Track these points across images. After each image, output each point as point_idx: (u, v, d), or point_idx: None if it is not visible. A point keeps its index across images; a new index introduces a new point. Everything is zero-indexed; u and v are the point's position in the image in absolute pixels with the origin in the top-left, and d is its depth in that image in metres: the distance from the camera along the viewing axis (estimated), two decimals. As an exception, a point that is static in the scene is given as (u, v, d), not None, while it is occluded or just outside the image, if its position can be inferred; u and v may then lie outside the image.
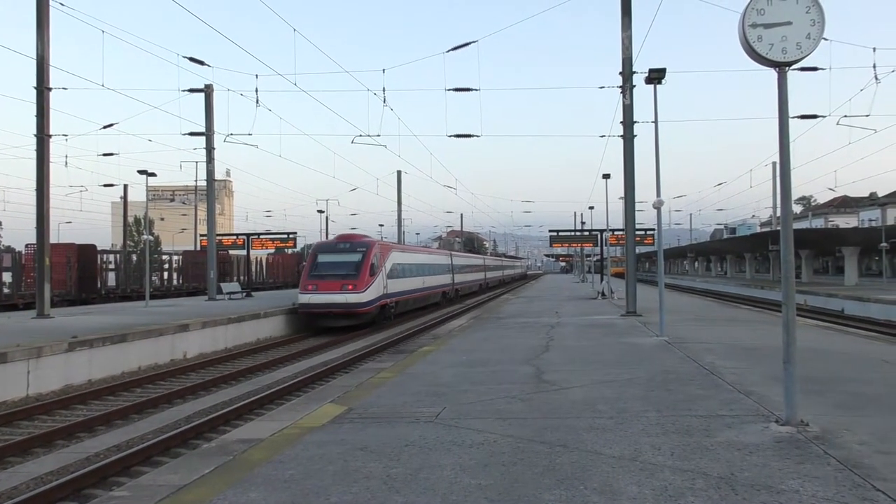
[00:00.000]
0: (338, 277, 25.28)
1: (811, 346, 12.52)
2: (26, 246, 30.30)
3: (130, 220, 62.55)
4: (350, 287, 25.02)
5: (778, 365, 6.76)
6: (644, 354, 11.99)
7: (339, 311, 24.78)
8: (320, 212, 53.38)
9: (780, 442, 6.04)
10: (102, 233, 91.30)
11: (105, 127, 26.16)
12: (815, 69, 20.62)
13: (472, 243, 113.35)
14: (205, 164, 30.89)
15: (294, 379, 14.91)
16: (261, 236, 36.38)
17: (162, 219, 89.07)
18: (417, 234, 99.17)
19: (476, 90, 24.14)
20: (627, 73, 20.65)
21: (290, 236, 36.05)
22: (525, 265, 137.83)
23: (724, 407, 7.48)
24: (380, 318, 26.90)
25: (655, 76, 15.16)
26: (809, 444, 5.95)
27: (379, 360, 16.46)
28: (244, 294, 33.30)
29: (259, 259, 51.72)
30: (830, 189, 58.83)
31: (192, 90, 28.52)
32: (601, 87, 23.31)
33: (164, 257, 43.18)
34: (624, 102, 20.86)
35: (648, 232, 34.96)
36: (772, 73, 6.62)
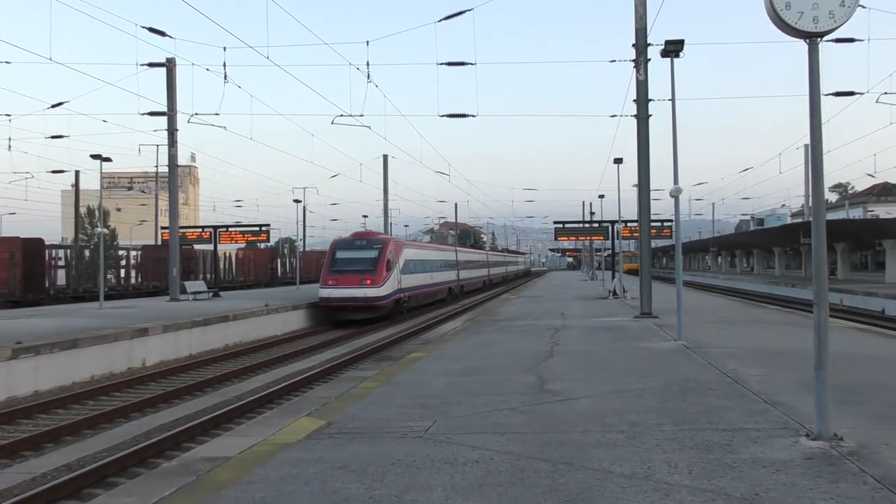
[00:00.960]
0: (356, 273, 29.94)
1: (847, 350, 12.57)
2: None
3: (83, 210, 62.29)
4: (368, 282, 29.77)
5: (809, 372, 6.77)
6: (659, 361, 12.02)
7: (359, 304, 29.46)
8: (297, 201, 53.19)
9: (811, 458, 6.06)
10: (51, 225, 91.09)
11: (54, 106, 26.07)
12: (850, 40, 20.68)
13: (469, 237, 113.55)
14: (166, 148, 30.80)
15: (267, 389, 14.90)
16: (230, 229, 36.33)
17: (118, 209, 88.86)
18: (406, 226, 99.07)
19: (471, 64, 24.17)
20: (641, 45, 20.66)
21: (263, 229, 36.01)
22: (527, 261, 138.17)
23: (748, 419, 7.51)
24: (394, 312, 31.75)
25: (672, 49, 15.16)
26: (844, 461, 5.96)
27: (362, 368, 16.45)
28: (211, 294, 33.27)
29: (228, 255, 51.65)
30: (870, 175, 58.96)
31: (151, 64, 28.41)
32: (612, 62, 23.28)
33: (122, 253, 43.08)
34: (637, 78, 20.87)
35: (665, 223, 35.03)
36: (802, 46, 6.61)
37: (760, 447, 6.42)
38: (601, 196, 48.54)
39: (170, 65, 29.70)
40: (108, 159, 27.58)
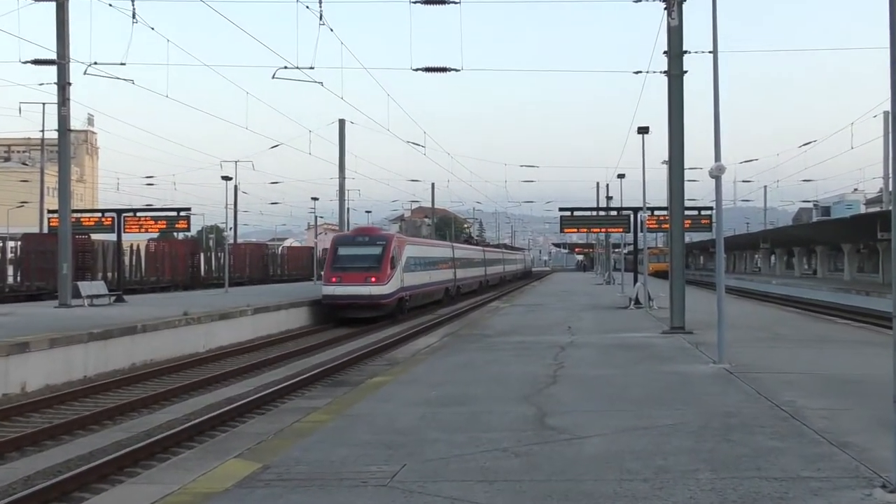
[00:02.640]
0: (361, 270, 36.15)
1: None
2: None
3: (-56, 187, 61.70)
4: (373, 279, 36.06)
5: (887, 405, 6.82)
6: (694, 389, 12.08)
7: (363, 302, 35.75)
8: (226, 178, 52.98)
9: (888, 516, 6.11)
10: None
11: None
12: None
13: (449, 228, 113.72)
14: (55, 108, 30.54)
15: (185, 423, 14.81)
16: (138, 214, 36.14)
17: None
18: (368, 212, 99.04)
19: (454, 2, 24.09)
20: (676, -20, 20.75)
21: (182, 214, 35.87)
22: (527, 259, 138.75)
23: (808, 465, 7.56)
24: (397, 311, 38.24)
25: (716, -15, 15.22)
26: (929, 519, 6.02)
27: (309, 395, 16.42)
28: (113, 298, 33.08)
29: (136, 247, 51.37)
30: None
31: (36, -3, 28.12)
32: (637, 1, 23.25)
33: (-5, 243, 42.72)
34: (669, 23, 20.94)
35: (703, 212, 35.30)
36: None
37: (823, 501, 6.46)
38: (621, 176, 48.49)
39: (61, -2, 29.43)
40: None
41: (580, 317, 27.95)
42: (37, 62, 29.70)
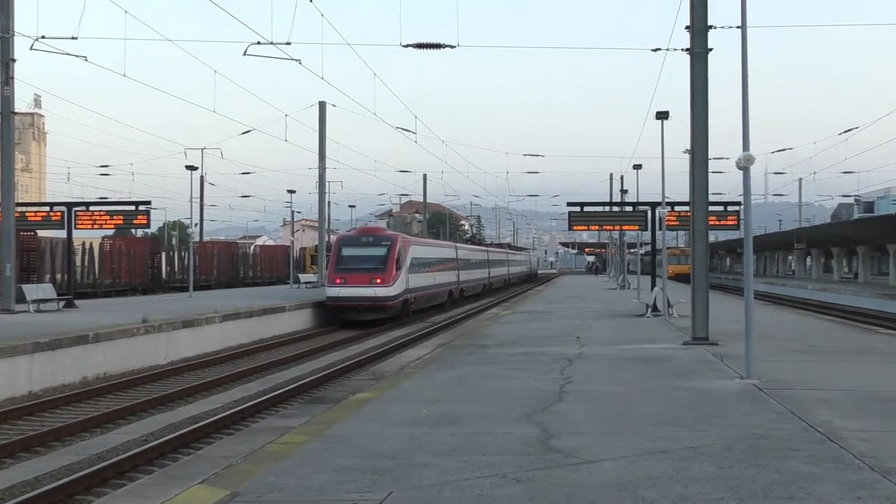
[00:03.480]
0: (365, 271, 39.74)
1: None
2: None
3: None
4: (378, 281, 39.65)
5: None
6: (719, 407, 12.08)
7: (368, 304, 39.42)
8: (191, 168, 52.94)
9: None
10: None
11: None
12: None
13: (444, 224, 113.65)
14: (-3, 86, 30.45)
15: (143, 444, 14.79)
16: (91, 208, 36.02)
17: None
18: (352, 206, 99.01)
19: (451, -30, 24.11)
20: (700, -55, 20.76)
21: (141, 208, 35.77)
22: (532, 260, 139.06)
23: (846, 494, 7.57)
24: (402, 313, 42.21)
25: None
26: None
27: (284, 413, 16.36)
28: (62, 303, 32.99)
29: (88, 246, 51.28)
30: None
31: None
32: (657, -31, 23.26)
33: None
34: (693, -6, 20.94)
35: (730, 208, 35.26)
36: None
37: (863, 534, 6.46)
38: (637, 167, 48.46)
39: (4, -37, 29.36)
40: None
41: (590, 326, 27.92)
42: (-24, 36, 29.59)
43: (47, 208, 35.88)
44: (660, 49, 25.16)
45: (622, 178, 74.16)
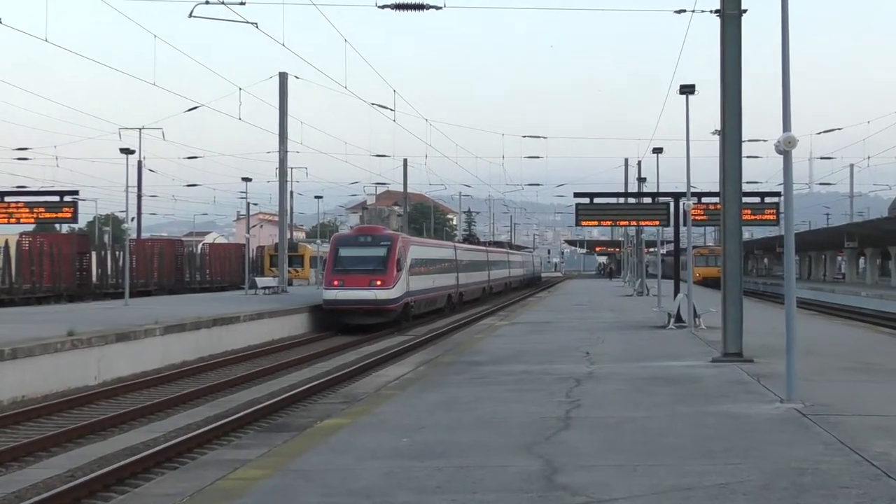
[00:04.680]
0: (365, 272, 43.90)
1: None
2: None
3: None
4: (378, 283, 43.69)
5: None
6: (755, 437, 12.07)
7: (368, 307, 43.41)
8: (126, 151, 52.66)
9: None
10: None
11: None
12: None
13: (428, 219, 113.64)
14: None
15: (68, 481, 14.72)
16: (7, 199, 35.89)
17: None
18: (319, 197, 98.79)
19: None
20: None
21: (67, 199, 35.67)
22: (535, 261, 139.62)
23: (907, 539, 7.54)
24: (402, 318, 46.42)
25: None
26: None
27: (237, 444, 16.32)
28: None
29: (3, 243, 51.01)
30: None
31: None
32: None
33: None
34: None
35: (768, 200, 35.26)
36: None
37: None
38: (657, 150, 48.57)
39: None
40: None
41: (602, 339, 27.91)
42: None
43: (-46, 199, 35.70)
44: (684, 11, 25.18)
45: (639, 163, 74.35)
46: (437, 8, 26.59)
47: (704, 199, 35.16)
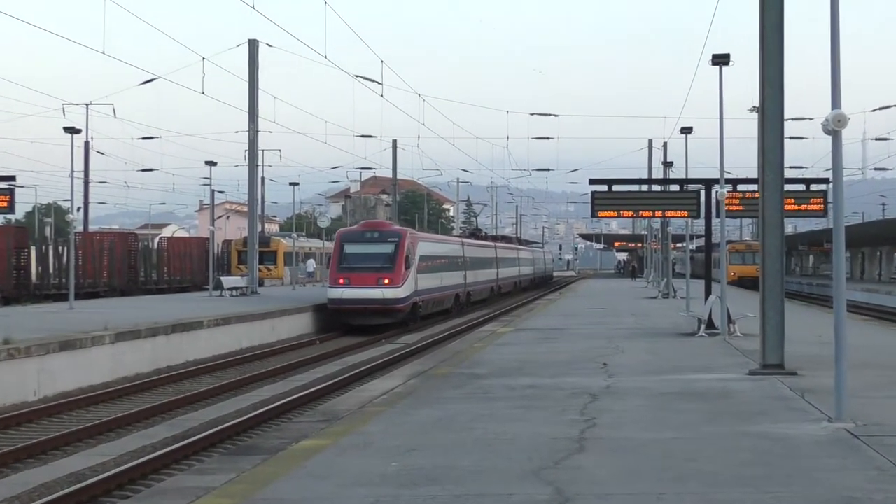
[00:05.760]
0: (372, 270, 47.92)
1: None
2: None
3: None
4: (386, 281, 47.58)
5: None
6: (799, 461, 12.09)
7: (376, 307, 47.29)
8: (71, 131, 52.74)
9: None
10: None
11: None
12: None
13: (421, 210, 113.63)
14: None
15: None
16: (-66, 185, 35.85)
17: None
18: (294, 184, 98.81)
19: None
20: None
21: (2, 186, 35.63)
22: (546, 258, 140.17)
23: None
24: (410, 318, 50.56)
25: None
26: None
27: (199, 468, 16.32)
28: None
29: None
30: None
31: None
32: None
33: None
34: None
35: (814, 187, 35.24)
36: None
37: None
38: (685, 130, 48.55)
39: None
40: None
41: (622, 348, 27.92)
42: None
43: None
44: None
45: (665, 145, 74.41)
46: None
47: (740, 187, 35.19)
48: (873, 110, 74.78)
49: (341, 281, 47.86)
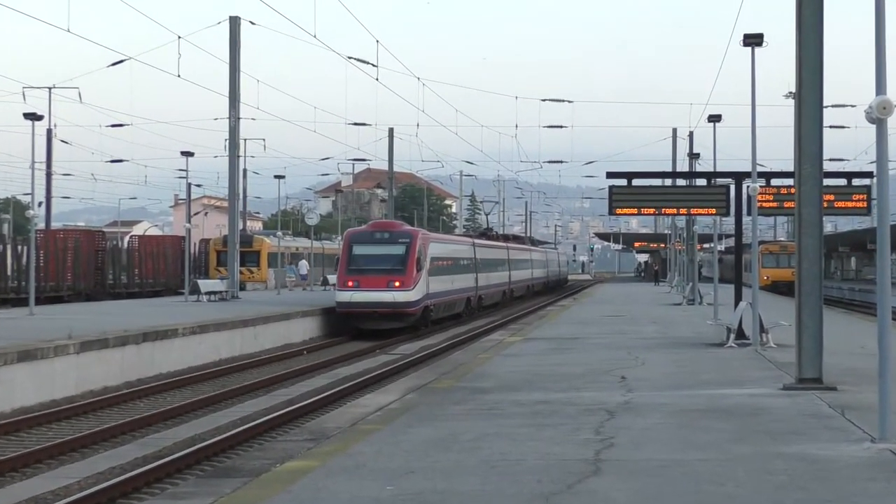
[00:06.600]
0: (382, 272, 50.69)
1: None
2: None
3: None
4: (397, 283, 50.26)
5: None
6: (839, 486, 12.09)
7: (386, 310, 50.09)
8: (32, 117, 52.65)
9: None
10: None
11: None
12: None
13: (420, 207, 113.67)
14: None
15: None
16: None
17: None
18: (280, 176, 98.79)
19: None
20: None
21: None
22: (561, 259, 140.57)
23: None
24: (421, 322, 53.82)
25: None
26: None
27: (173, 493, 16.37)
28: None
29: None
30: None
31: None
32: None
33: None
34: None
35: (856, 182, 35.21)
36: None
37: None
38: (713, 119, 48.49)
39: None
40: None
41: (642, 360, 27.93)
42: None
43: None
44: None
45: (691, 135, 74.49)
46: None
47: (774, 181, 35.21)
48: (923, 96, 74.65)
49: (350, 283, 50.32)
